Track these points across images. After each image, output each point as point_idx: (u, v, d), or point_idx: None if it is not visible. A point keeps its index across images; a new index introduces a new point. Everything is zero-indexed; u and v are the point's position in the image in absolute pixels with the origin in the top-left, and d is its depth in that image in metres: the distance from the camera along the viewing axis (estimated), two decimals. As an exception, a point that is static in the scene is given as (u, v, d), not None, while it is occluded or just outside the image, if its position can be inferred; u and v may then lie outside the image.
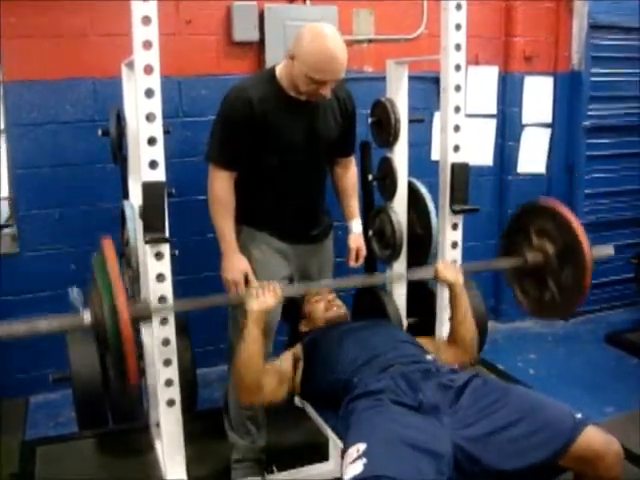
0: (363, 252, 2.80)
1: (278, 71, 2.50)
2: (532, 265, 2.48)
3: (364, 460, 1.71)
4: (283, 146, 2.50)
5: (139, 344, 2.54)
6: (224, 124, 2.48)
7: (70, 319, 2.03)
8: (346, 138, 2.69)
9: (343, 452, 1.84)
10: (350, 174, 2.80)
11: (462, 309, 2.42)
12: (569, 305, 2.46)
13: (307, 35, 2.33)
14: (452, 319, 2.47)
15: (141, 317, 2.17)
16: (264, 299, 2.19)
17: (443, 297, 2.74)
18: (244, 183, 2.53)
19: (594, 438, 1.81)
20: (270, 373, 2.30)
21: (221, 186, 2.50)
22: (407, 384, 2.03)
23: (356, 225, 2.81)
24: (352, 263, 2.78)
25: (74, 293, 2.05)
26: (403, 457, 1.72)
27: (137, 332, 2.59)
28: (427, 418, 1.91)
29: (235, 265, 2.51)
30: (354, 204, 2.82)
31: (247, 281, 2.52)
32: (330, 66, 2.31)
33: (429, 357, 2.27)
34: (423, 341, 2.46)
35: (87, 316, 1.99)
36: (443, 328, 2.82)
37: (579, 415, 1.86)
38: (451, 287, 2.44)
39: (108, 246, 2.04)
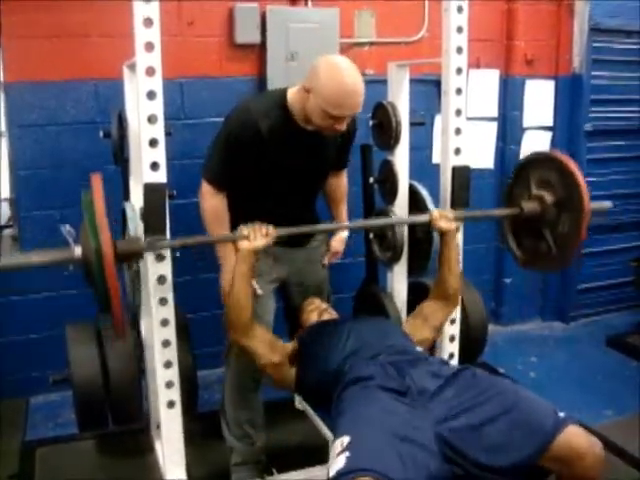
0: (338, 256, 2.90)
1: (290, 98, 2.42)
2: (528, 214, 2.47)
3: (347, 454, 1.71)
4: (284, 172, 2.48)
5: (139, 344, 2.54)
6: (227, 146, 2.42)
7: (61, 253, 2.05)
8: (343, 156, 2.71)
9: (332, 444, 1.85)
10: (342, 183, 2.83)
11: (453, 258, 2.51)
12: (565, 255, 2.45)
13: (324, 69, 2.26)
14: (441, 268, 2.53)
15: (131, 253, 2.16)
16: (255, 239, 2.24)
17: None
18: (238, 195, 2.52)
19: (575, 437, 1.79)
20: (264, 330, 2.39)
21: (215, 203, 2.49)
22: (396, 370, 2.06)
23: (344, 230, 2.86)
24: (325, 262, 2.84)
25: (67, 228, 2.05)
26: (387, 448, 1.72)
27: (137, 331, 2.60)
28: (413, 405, 1.92)
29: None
30: (343, 209, 2.88)
31: None
32: (349, 101, 2.25)
33: (419, 349, 2.30)
34: (411, 322, 2.54)
35: (78, 250, 2.00)
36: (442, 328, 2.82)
37: (562, 414, 1.84)
38: (444, 234, 2.50)
39: (97, 183, 2.03)
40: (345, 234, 2.88)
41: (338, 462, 1.70)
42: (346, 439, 1.76)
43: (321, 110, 2.27)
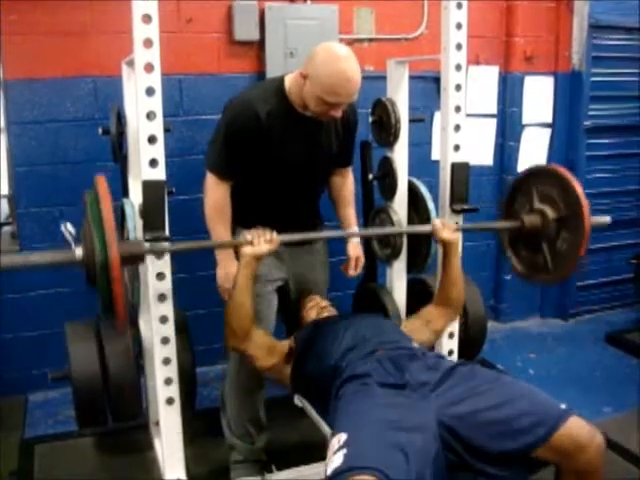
0: (362, 261, 2.82)
1: (287, 85, 2.44)
2: (529, 228, 2.47)
3: (344, 451, 1.70)
4: (285, 160, 2.48)
5: (138, 341, 2.54)
6: (227, 135, 2.43)
7: (62, 253, 2.03)
8: (346, 150, 2.69)
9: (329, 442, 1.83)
10: (348, 183, 2.80)
11: (456, 269, 2.48)
12: (561, 272, 2.44)
13: (321, 55, 2.27)
14: (444, 279, 2.51)
15: (133, 255, 2.14)
16: (259, 244, 2.23)
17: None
18: (241, 188, 2.52)
19: (577, 428, 1.80)
20: (262, 334, 2.38)
21: (219, 195, 2.48)
22: (393, 366, 2.06)
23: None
24: (352, 272, 2.80)
25: (67, 227, 2.04)
26: (384, 444, 1.71)
27: (136, 328, 2.60)
28: (412, 396, 1.92)
29: (231, 273, 2.49)
30: (351, 212, 2.82)
31: None
32: (344, 89, 2.26)
33: (415, 345, 2.29)
34: (411, 322, 2.53)
35: (79, 251, 1.99)
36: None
37: (563, 405, 1.85)
38: (446, 245, 2.48)
39: (101, 183, 2.01)
40: (357, 238, 2.83)
41: (335, 460, 1.69)
42: (343, 436, 1.75)
43: (317, 97, 2.29)
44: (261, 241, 2.23)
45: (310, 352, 2.33)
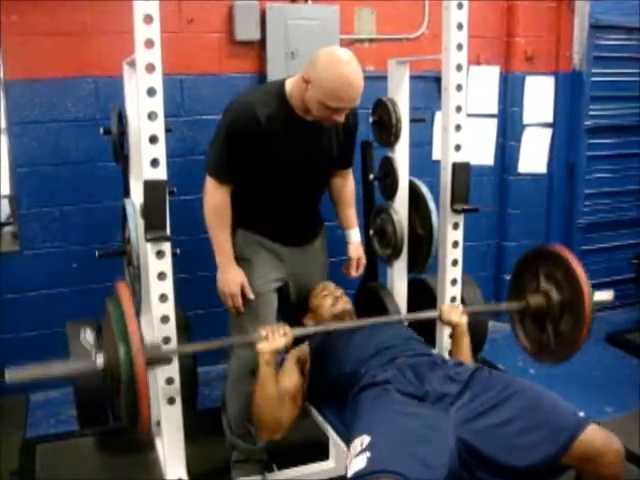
0: (363, 261, 2.82)
1: (289, 88, 2.42)
2: (534, 309, 2.47)
3: (368, 454, 1.72)
4: (285, 164, 2.47)
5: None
6: (227, 138, 2.40)
7: (83, 364, 2.03)
8: (346, 152, 2.68)
9: (350, 442, 1.85)
10: (348, 185, 2.79)
11: (465, 350, 2.44)
12: (563, 353, 2.46)
13: (323, 60, 2.25)
14: (455, 357, 2.46)
15: (154, 361, 2.09)
16: (274, 340, 2.20)
17: (443, 294, 2.74)
18: (241, 190, 2.51)
19: (596, 436, 1.81)
20: (285, 402, 2.32)
21: (218, 199, 2.47)
22: (414, 374, 2.06)
23: (355, 234, 2.81)
24: (353, 273, 2.80)
25: (86, 334, 2.04)
26: (407, 450, 1.73)
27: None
28: (432, 409, 1.93)
29: (232, 278, 2.50)
30: (352, 213, 2.82)
31: (244, 294, 2.52)
32: (346, 94, 2.24)
33: (434, 351, 2.30)
34: None
35: (100, 360, 1.97)
36: (443, 328, 2.82)
37: (582, 413, 1.87)
38: (455, 328, 2.46)
39: (124, 291, 1.97)
40: (358, 237, 2.82)
41: (358, 462, 1.71)
42: (366, 439, 1.76)
43: (319, 102, 2.27)
44: (276, 336, 2.21)
45: (327, 360, 2.33)
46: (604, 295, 2.49)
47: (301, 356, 2.44)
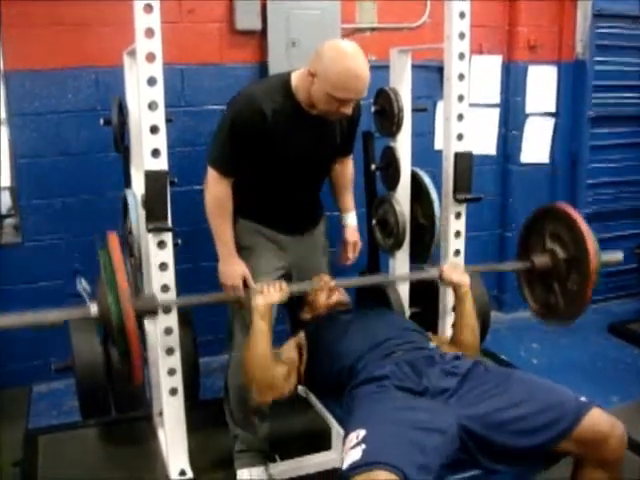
0: (359, 246, 2.82)
1: (294, 83, 2.40)
2: (539, 268, 2.47)
3: (363, 446, 1.71)
4: (290, 158, 2.46)
5: (142, 332, 2.54)
6: (232, 132, 2.38)
7: (77, 311, 2.07)
8: (349, 141, 2.67)
9: (344, 437, 1.84)
10: (348, 170, 2.79)
11: (468, 311, 2.41)
12: (572, 311, 2.45)
13: (329, 52, 2.24)
14: (457, 321, 2.44)
15: (146, 311, 2.17)
16: (270, 294, 2.21)
17: (446, 288, 2.74)
18: (243, 182, 2.50)
19: (599, 419, 1.82)
20: (279, 368, 2.29)
21: (220, 191, 2.45)
22: (411, 370, 2.05)
23: (352, 218, 2.81)
24: (350, 256, 2.80)
25: (82, 284, 2.07)
26: (404, 442, 1.72)
27: (140, 321, 2.60)
28: (431, 401, 1.93)
29: (233, 269, 2.48)
30: (350, 198, 2.82)
31: (246, 285, 2.51)
32: (354, 86, 2.24)
33: (432, 344, 2.29)
34: (432, 338, 2.47)
35: (94, 308, 2.00)
36: (446, 318, 2.82)
37: (583, 398, 1.87)
38: (456, 289, 2.43)
39: (113, 241, 2.04)
40: (355, 221, 2.82)
41: (353, 454, 1.70)
42: (362, 432, 1.76)
43: (326, 94, 2.26)
44: (271, 290, 2.23)
45: (323, 352, 2.31)
46: (612, 256, 2.48)
47: (299, 341, 2.44)
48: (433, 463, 1.70)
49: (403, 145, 2.88)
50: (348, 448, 1.75)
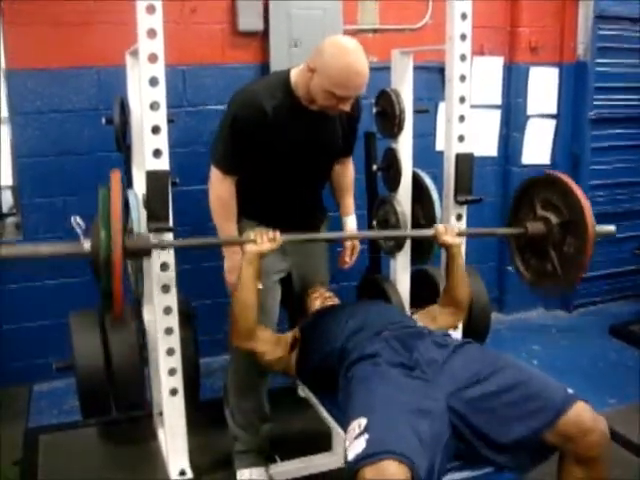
0: (357, 249, 2.82)
1: (294, 79, 2.41)
2: (533, 234, 2.48)
3: (366, 436, 1.71)
4: (291, 155, 2.46)
5: (142, 332, 2.55)
6: (233, 130, 2.39)
7: (70, 246, 2.09)
8: (349, 139, 2.67)
9: (346, 425, 1.84)
10: (348, 172, 2.79)
11: (460, 271, 2.49)
12: (570, 276, 2.45)
13: (329, 49, 2.25)
14: (449, 281, 2.52)
15: (139, 250, 2.19)
16: (262, 242, 2.24)
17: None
18: (246, 180, 2.51)
19: (583, 413, 1.82)
20: (267, 330, 2.39)
21: (224, 190, 2.47)
22: (401, 345, 2.09)
23: (351, 221, 2.82)
24: (347, 259, 2.80)
25: (76, 220, 2.08)
26: (404, 427, 1.73)
27: (140, 319, 2.60)
28: (423, 378, 1.95)
29: (239, 266, 2.49)
30: (350, 201, 2.83)
31: None
32: (353, 82, 2.24)
33: (420, 324, 2.34)
34: (418, 318, 2.51)
35: (87, 244, 2.03)
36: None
37: (570, 390, 1.88)
38: (449, 249, 2.48)
39: (115, 177, 2.09)
40: (354, 225, 2.83)
41: (357, 445, 1.70)
42: (363, 421, 1.76)
43: (325, 90, 2.26)
44: (264, 239, 2.24)
45: (316, 338, 2.35)
46: (606, 227, 2.49)
47: (295, 333, 2.47)
48: (429, 450, 1.71)
49: (404, 146, 2.88)
50: (352, 438, 1.74)
